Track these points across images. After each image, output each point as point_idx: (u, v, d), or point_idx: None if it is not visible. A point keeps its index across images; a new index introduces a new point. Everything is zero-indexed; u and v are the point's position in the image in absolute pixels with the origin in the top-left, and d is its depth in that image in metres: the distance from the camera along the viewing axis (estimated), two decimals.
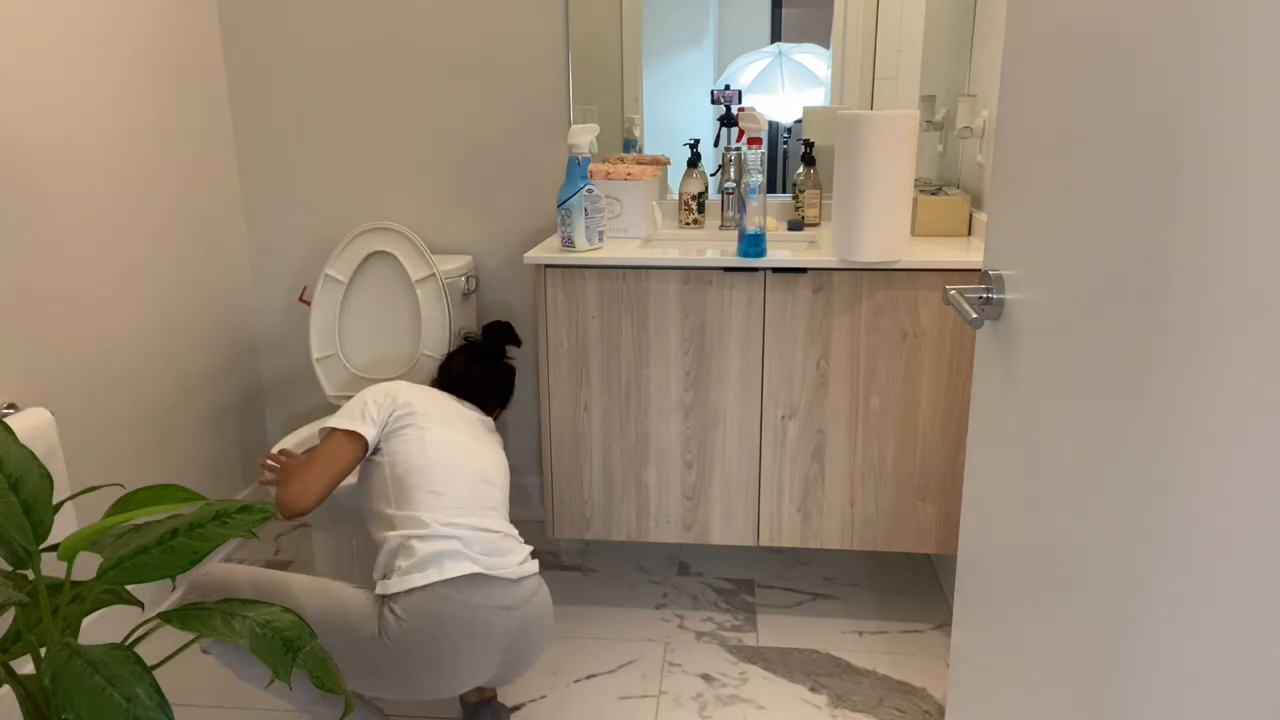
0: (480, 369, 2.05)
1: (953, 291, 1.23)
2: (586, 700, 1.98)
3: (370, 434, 1.73)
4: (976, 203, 2.26)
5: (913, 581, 2.44)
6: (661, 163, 2.47)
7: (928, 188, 2.33)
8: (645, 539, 2.22)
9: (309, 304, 2.43)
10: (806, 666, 2.08)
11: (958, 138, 2.39)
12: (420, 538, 1.63)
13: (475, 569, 1.60)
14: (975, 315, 1.19)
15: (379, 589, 1.62)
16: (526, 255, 2.08)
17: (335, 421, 1.75)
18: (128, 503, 1.32)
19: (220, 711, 1.95)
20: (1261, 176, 0.65)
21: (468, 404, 1.97)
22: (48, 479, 1.28)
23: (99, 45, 2.07)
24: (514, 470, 2.79)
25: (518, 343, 2.14)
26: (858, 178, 1.90)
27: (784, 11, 2.43)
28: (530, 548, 1.75)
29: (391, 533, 1.65)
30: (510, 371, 2.11)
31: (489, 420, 1.98)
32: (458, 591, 1.58)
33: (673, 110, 2.50)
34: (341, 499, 1.94)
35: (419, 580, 1.58)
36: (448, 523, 1.65)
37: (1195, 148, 0.73)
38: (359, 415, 1.75)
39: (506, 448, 2.78)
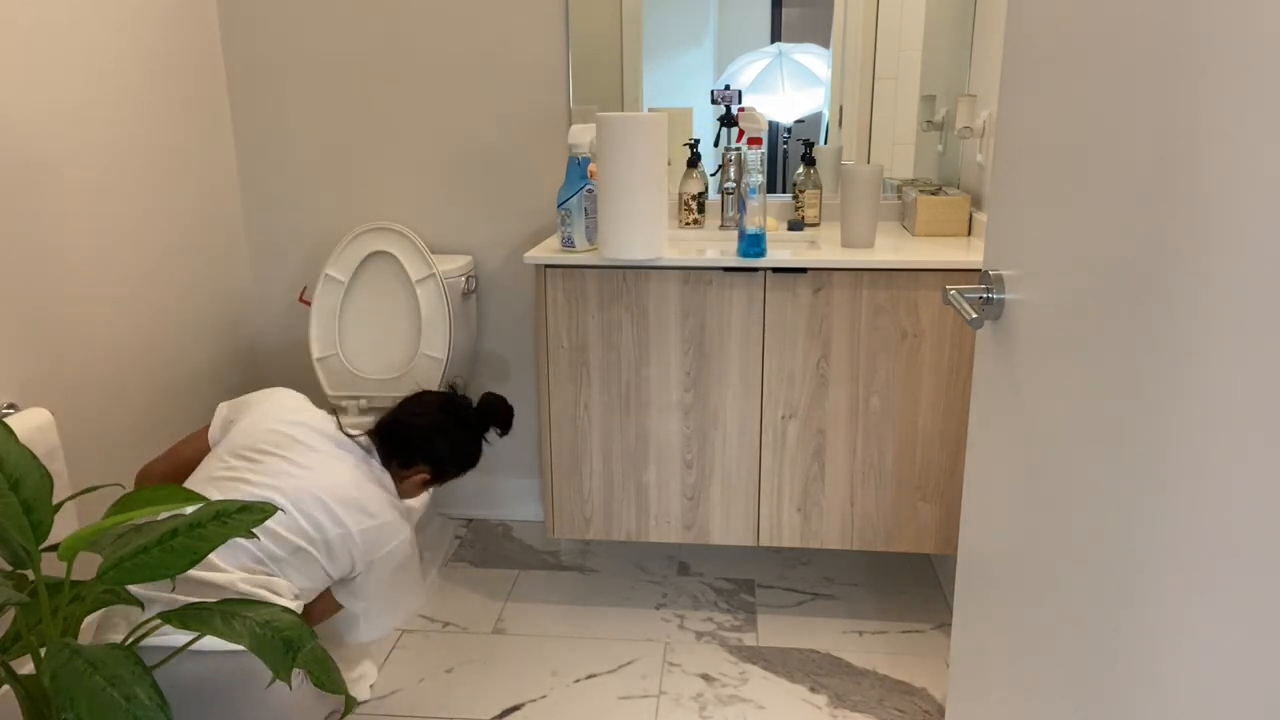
0: (456, 434, 1.91)
1: (953, 291, 1.23)
2: (586, 700, 1.98)
3: None
4: (976, 203, 2.26)
5: (913, 581, 2.44)
6: None
7: (928, 188, 2.33)
8: (645, 539, 2.22)
9: (309, 304, 2.43)
10: (806, 666, 2.08)
11: (958, 138, 2.39)
12: None
13: None
14: (975, 315, 1.19)
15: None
16: (526, 255, 2.08)
17: None
18: (128, 503, 1.32)
19: None
20: (1262, 176, 0.65)
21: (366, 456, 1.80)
22: (48, 479, 1.28)
23: (98, 47, 2.07)
24: (514, 470, 2.79)
25: (507, 427, 1.99)
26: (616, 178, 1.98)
27: (784, 11, 2.43)
28: None
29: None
30: (477, 449, 1.96)
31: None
32: None
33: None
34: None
35: None
36: None
37: (1195, 147, 0.73)
38: None
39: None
